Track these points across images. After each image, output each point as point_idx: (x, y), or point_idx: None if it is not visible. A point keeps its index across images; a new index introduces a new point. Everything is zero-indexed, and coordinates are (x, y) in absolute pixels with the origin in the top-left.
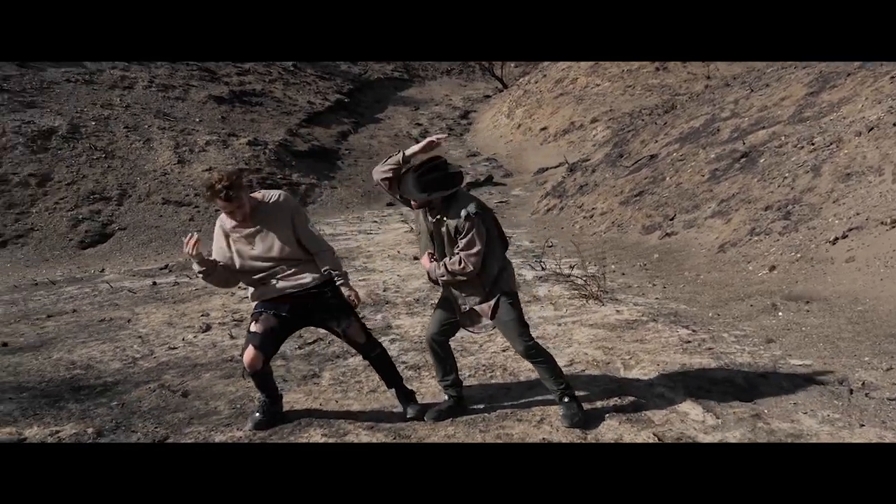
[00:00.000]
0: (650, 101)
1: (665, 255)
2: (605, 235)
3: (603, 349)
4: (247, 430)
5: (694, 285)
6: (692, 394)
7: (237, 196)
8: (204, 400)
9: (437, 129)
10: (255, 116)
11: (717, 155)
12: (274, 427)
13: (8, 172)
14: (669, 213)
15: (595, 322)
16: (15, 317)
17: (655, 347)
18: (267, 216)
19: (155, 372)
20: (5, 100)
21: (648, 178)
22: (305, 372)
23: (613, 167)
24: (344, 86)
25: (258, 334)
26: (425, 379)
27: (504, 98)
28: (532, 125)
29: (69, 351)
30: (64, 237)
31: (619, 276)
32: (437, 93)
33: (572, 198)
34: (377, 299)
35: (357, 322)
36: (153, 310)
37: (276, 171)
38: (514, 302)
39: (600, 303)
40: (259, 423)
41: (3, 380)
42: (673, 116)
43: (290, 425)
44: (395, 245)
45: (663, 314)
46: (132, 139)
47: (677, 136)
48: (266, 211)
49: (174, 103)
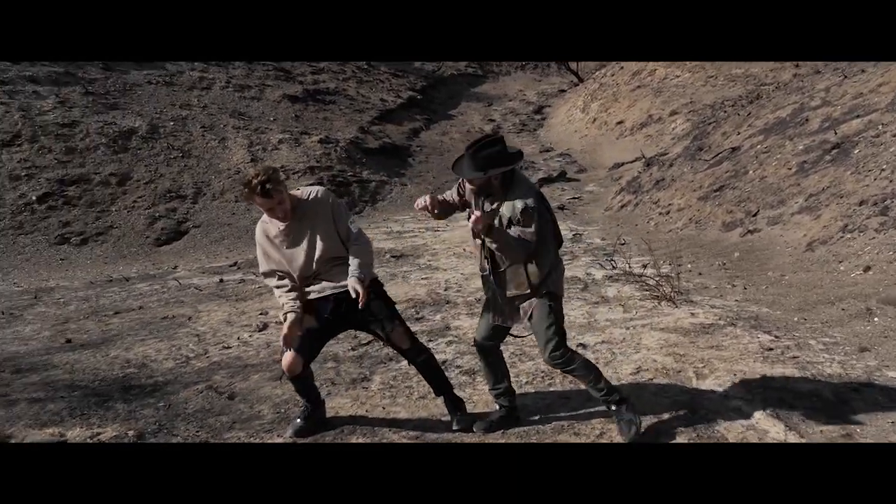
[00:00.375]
0: (733, 91)
1: (747, 253)
2: (681, 233)
3: (674, 356)
4: (287, 437)
5: (778, 287)
6: (773, 408)
7: (276, 190)
8: (249, 403)
9: (511, 124)
10: (328, 115)
11: (806, 146)
12: (315, 434)
13: (90, 172)
14: (752, 209)
15: (667, 326)
16: (85, 313)
17: (733, 355)
18: (307, 213)
19: (206, 372)
20: (90, 102)
21: (730, 171)
22: (356, 375)
23: (692, 161)
24: (417, 83)
25: (297, 337)
26: (479, 385)
27: (579, 92)
28: (608, 119)
29: (127, 349)
30: (141, 234)
31: (695, 275)
32: (511, 88)
33: (648, 193)
34: (437, 299)
35: (401, 326)
36: (215, 307)
37: (346, 168)
38: (554, 306)
39: (673, 305)
40: (300, 429)
41: (59, 378)
42: (758, 107)
43: (333, 432)
44: (461, 242)
45: (743, 318)
46: (208, 138)
47: (762, 126)
48: (306, 208)
49: (249, 103)
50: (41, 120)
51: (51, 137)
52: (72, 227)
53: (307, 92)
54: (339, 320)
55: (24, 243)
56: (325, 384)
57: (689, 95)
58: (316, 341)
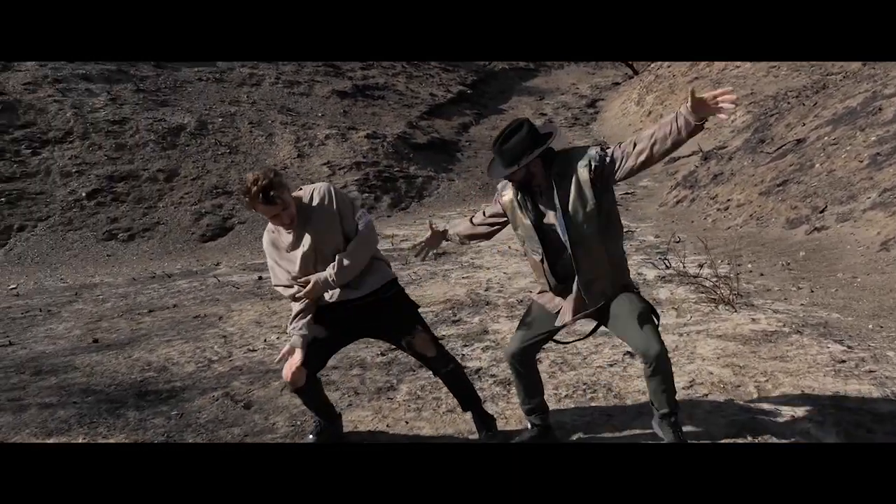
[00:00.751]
0: (797, 81)
1: (813, 252)
2: (741, 230)
3: (732, 367)
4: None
5: (849, 290)
6: (848, 433)
7: (279, 197)
8: (265, 414)
9: (563, 118)
10: (377, 110)
11: (879, 137)
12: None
13: (139, 168)
14: (819, 205)
15: (724, 333)
16: (120, 311)
17: (800, 368)
18: (312, 216)
19: (226, 378)
20: (140, 99)
21: (794, 165)
22: (381, 384)
23: (753, 154)
24: (467, 77)
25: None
26: (513, 399)
27: (634, 84)
28: (664, 112)
29: (151, 350)
30: (187, 231)
31: (756, 276)
32: (564, 82)
33: (705, 188)
34: (477, 299)
35: (425, 332)
36: (248, 307)
37: (393, 163)
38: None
39: (732, 308)
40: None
41: (76, 381)
42: (825, 96)
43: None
44: (507, 240)
45: (810, 325)
46: (255, 134)
47: (830, 117)
48: (310, 210)
49: (298, 99)
50: (93, 117)
51: (101, 134)
52: (119, 224)
53: (356, 87)
54: (352, 329)
55: (72, 239)
56: (347, 393)
57: (750, 87)
58: (323, 350)
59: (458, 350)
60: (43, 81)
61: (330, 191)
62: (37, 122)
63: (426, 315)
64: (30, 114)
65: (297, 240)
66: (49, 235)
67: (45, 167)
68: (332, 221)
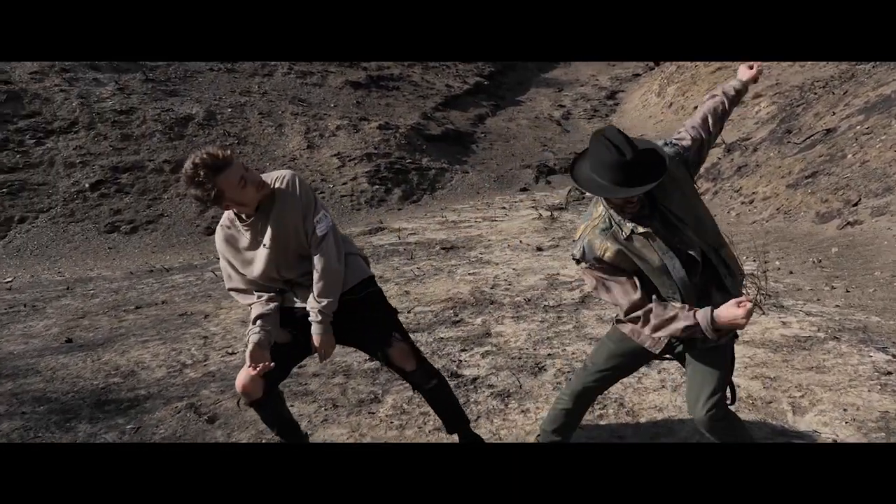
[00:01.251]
0: (824, 72)
1: (847, 249)
2: (767, 224)
3: (762, 380)
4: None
5: (888, 290)
6: None
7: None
8: (229, 430)
9: (582, 110)
10: (391, 101)
11: None
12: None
13: (144, 159)
14: (852, 198)
15: (752, 338)
16: (106, 307)
17: (839, 380)
18: (274, 205)
19: (195, 385)
20: (149, 89)
21: (824, 156)
22: (364, 395)
23: (779, 145)
24: (484, 68)
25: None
26: (511, 414)
27: (655, 76)
28: (685, 103)
29: (123, 353)
30: (191, 223)
31: (784, 274)
32: (583, 73)
33: (728, 181)
34: (481, 298)
35: (404, 342)
36: (237, 304)
37: (405, 155)
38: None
39: (760, 310)
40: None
41: (33, 387)
42: (855, 84)
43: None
44: (518, 234)
45: (848, 329)
46: (265, 125)
47: (861, 105)
48: (273, 199)
49: (311, 89)
50: (99, 107)
51: (107, 124)
52: (122, 215)
53: (370, 78)
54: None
55: (74, 231)
56: (324, 406)
57: (775, 77)
58: (284, 360)
59: (455, 355)
60: (50, 71)
61: (295, 180)
62: (42, 111)
63: (425, 315)
64: (35, 103)
65: (256, 237)
66: (50, 227)
67: (48, 158)
68: (295, 215)
